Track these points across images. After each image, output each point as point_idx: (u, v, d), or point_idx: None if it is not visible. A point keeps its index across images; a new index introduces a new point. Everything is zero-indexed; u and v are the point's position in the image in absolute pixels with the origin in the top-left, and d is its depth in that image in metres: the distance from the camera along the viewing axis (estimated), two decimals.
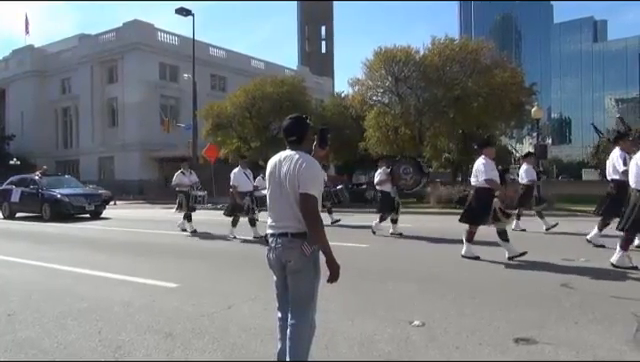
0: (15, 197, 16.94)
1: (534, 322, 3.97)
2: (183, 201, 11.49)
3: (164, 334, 3.86)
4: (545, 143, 21.93)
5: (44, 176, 17.40)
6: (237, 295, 5.06)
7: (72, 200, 16.04)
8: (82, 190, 17.55)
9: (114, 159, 37.93)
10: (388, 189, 10.08)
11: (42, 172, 17.81)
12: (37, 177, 17.10)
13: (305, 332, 2.74)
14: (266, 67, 44.52)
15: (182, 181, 11.57)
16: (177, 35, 38.91)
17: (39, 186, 16.50)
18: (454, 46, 22.58)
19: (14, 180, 18.18)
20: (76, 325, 4.14)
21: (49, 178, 17.77)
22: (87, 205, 16.31)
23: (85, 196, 16.75)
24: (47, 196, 16.08)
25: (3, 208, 17.50)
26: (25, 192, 16.84)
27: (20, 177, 18.70)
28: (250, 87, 26.60)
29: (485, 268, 6.44)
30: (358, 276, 5.98)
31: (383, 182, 10.11)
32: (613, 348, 3.39)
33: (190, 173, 11.89)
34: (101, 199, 17.16)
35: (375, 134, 23.89)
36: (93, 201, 16.77)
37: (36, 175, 17.42)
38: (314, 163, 2.72)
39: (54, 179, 18.16)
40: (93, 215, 16.53)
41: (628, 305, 4.39)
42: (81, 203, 16.20)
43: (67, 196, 16.05)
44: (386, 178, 10.09)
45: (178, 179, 11.66)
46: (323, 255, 2.71)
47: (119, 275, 6.22)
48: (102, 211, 17.11)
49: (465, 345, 3.50)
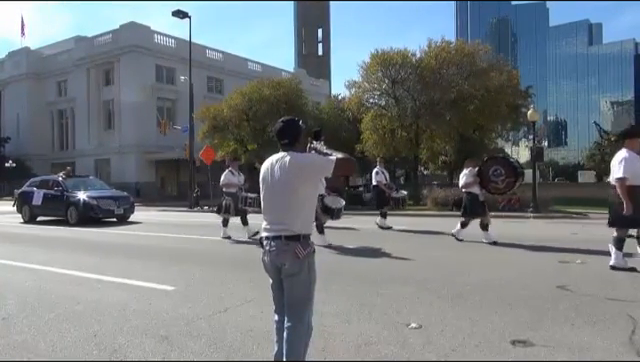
0: (37, 200, 15.87)
1: (530, 324, 3.98)
2: (230, 204, 10.29)
3: (160, 337, 3.84)
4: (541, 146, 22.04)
5: (68, 178, 16.44)
6: (233, 297, 5.04)
7: (100, 203, 15.03)
8: (110, 192, 16.50)
9: (110, 161, 37.85)
10: (476, 191, 9.24)
11: (66, 173, 16.75)
12: (61, 178, 16.15)
13: (302, 335, 2.73)
14: (263, 69, 44.55)
15: (231, 181, 10.45)
16: (174, 37, 38.91)
17: (64, 188, 15.49)
18: (450, 49, 22.66)
19: (35, 182, 17.20)
20: (72, 328, 4.12)
21: (73, 179, 16.84)
22: (116, 208, 15.30)
23: (114, 199, 15.69)
24: (73, 199, 15.06)
25: (23, 211, 16.51)
26: (48, 194, 15.78)
27: (42, 178, 17.80)
28: (247, 89, 26.60)
29: (481, 270, 6.44)
30: (355, 278, 5.99)
31: (470, 184, 9.26)
32: (609, 350, 3.40)
33: (239, 173, 10.86)
34: (130, 202, 16.06)
35: (372, 136, 23.92)
36: (122, 204, 15.65)
37: (60, 176, 16.44)
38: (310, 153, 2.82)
39: (79, 180, 17.17)
40: (120, 219, 15.57)
41: (624, 307, 4.40)
42: (110, 206, 15.21)
43: (95, 199, 15.05)
44: (473, 180, 9.24)
45: (227, 179, 10.48)
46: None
47: (116, 278, 6.20)
48: (130, 215, 16.05)
49: (462, 347, 3.51)
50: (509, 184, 9.17)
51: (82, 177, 18.89)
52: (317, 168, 2.72)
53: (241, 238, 10.19)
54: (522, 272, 6.27)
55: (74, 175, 17.98)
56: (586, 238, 9.35)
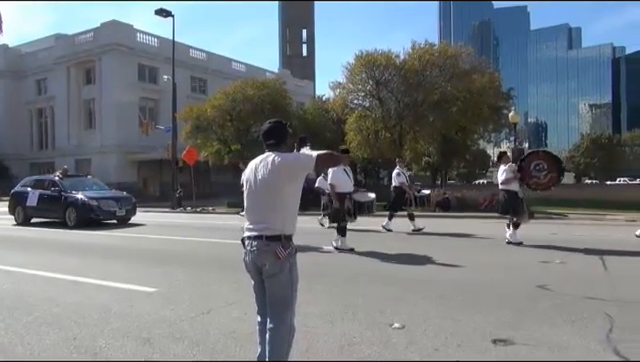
0: (32, 201, 14.95)
1: (511, 323, 4.03)
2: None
3: (142, 339, 3.80)
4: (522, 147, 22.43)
5: (65, 177, 15.44)
6: (217, 299, 5.01)
7: (102, 204, 14.16)
8: (110, 193, 15.69)
9: (91, 161, 37.22)
10: (515, 188, 8.77)
11: (62, 172, 15.69)
12: (57, 178, 15.21)
13: (284, 336, 2.73)
14: (247, 70, 44.35)
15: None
16: (157, 36, 38.48)
17: (61, 188, 14.57)
18: (434, 51, 22.86)
19: (29, 181, 16.28)
20: (51, 331, 4.04)
21: (71, 179, 15.78)
22: (118, 210, 14.44)
23: (115, 199, 14.82)
24: (72, 199, 14.15)
25: (16, 213, 15.52)
26: (44, 195, 14.85)
27: (36, 178, 16.79)
28: (231, 89, 26.44)
29: (463, 270, 6.51)
30: (339, 279, 6.00)
31: (510, 180, 8.73)
32: (587, 348, 3.47)
33: None
34: (132, 203, 15.24)
35: (356, 137, 24.00)
36: (124, 205, 14.78)
37: (56, 176, 15.50)
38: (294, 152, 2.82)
39: (77, 180, 16.15)
40: (121, 221, 14.71)
41: (602, 306, 4.49)
42: (111, 207, 14.34)
43: (96, 199, 14.17)
44: (513, 176, 8.74)
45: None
46: None
47: (96, 280, 6.10)
48: (132, 216, 15.20)
49: (444, 347, 3.54)
50: (552, 179, 8.76)
51: (80, 176, 17.91)
52: (301, 163, 2.72)
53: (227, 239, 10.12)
54: (504, 272, 6.36)
55: (71, 174, 16.97)
56: (565, 238, 9.52)
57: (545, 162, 8.81)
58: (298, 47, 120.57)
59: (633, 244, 7.99)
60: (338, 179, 8.29)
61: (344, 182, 8.38)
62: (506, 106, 26.65)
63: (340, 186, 8.29)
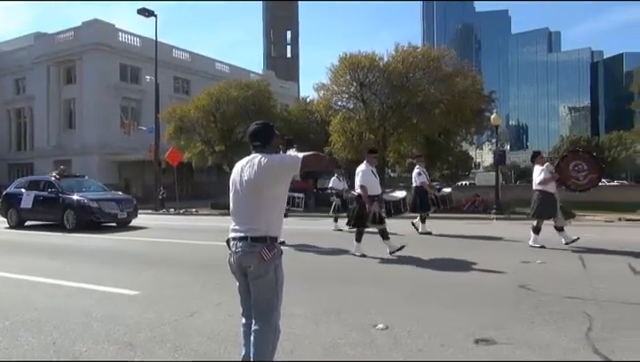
0: (26, 203, 14.22)
1: (493, 323, 4.08)
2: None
3: (123, 343, 3.74)
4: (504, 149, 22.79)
5: (62, 177, 14.69)
6: (200, 302, 4.97)
7: (102, 206, 13.51)
8: (111, 194, 15.06)
9: (71, 162, 36.52)
10: (552, 189, 8.41)
11: (59, 172, 14.89)
12: (54, 178, 14.47)
13: (269, 337, 2.72)
14: (231, 70, 44.11)
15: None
16: (139, 36, 38.02)
17: (59, 189, 13.88)
18: (417, 53, 23.04)
19: (23, 182, 15.50)
20: (29, 336, 3.96)
21: (68, 180, 15.01)
22: (119, 212, 13.80)
23: (116, 201, 14.15)
24: (70, 201, 13.47)
25: (9, 215, 14.79)
26: (40, 196, 14.12)
27: (31, 179, 15.99)
28: (214, 90, 26.25)
29: (447, 271, 6.57)
30: (324, 280, 6.00)
31: (547, 181, 8.36)
32: (567, 347, 3.53)
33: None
34: (133, 205, 14.62)
35: (340, 139, 24.07)
36: (125, 207, 14.10)
37: (52, 176, 14.72)
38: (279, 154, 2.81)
39: (74, 181, 15.33)
40: (122, 224, 14.14)
41: (581, 305, 4.58)
42: (112, 209, 13.69)
43: (96, 201, 13.52)
44: (551, 177, 8.39)
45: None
46: None
47: (77, 283, 6.00)
48: (132, 219, 14.55)
49: (428, 347, 3.57)
50: (592, 180, 8.47)
51: (77, 177, 16.88)
52: (287, 165, 2.71)
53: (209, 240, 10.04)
54: (486, 272, 6.43)
55: (68, 175, 16.02)
56: (546, 239, 9.67)
57: (585, 163, 8.54)
58: (282, 48, 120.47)
59: (611, 244, 8.16)
60: (368, 181, 7.82)
61: (373, 184, 7.93)
62: (488, 109, 26.96)
63: (369, 188, 7.79)
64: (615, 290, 5.19)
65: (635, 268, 6.35)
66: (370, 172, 7.89)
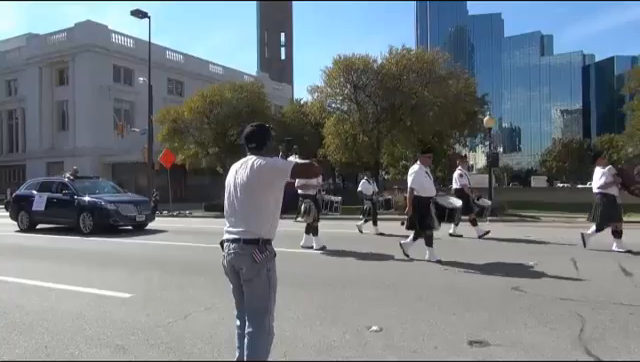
0: (39, 205, 13.64)
1: (486, 325, 4.10)
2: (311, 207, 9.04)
3: (116, 346, 3.72)
4: (497, 151, 22.97)
5: (76, 179, 14.07)
6: (194, 304, 4.95)
7: (120, 208, 12.90)
8: (127, 196, 14.51)
9: (64, 164, 36.26)
10: (614, 192, 8.13)
11: (73, 173, 14.26)
12: (67, 180, 13.87)
13: (263, 340, 2.72)
14: (225, 72, 44.05)
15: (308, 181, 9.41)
16: (132, 37, 37.90)
17: (74, 191, 13.29)
18: (411, 56, 23.15)
19: (34, 184, 14.85)
20: (20, 340, 3.93)
21: (82, 181, 14.38)
22: (137, 215, 13.22)
23: (134, 203, 13.53)
24: (87, 203, 12.88)
25: (20, 218, 14.13)
26: (53, 199, 13.53)
27: (43, 180, 15.29)
28: (208, 92, 26.20)
29: (440, 273, 6.59)
30: (317, 283, 6.00)
31: (610, 184, 8.07)
32: (559, 348, 3.55)
33: None
34: (150, 208, 14.02)
35: (334, 141, 24.11)
36: (143, 210, 13.51)
37: (65, 177, 14.12)
38: (274, 157, 2.79)
39: (89, 182, 14.75)
40: (138, 227, 13.55)
41: (574, 307, 4.61)
42: (130, 212, 13.10)
43: (114, 203, 12.94)
44: (613, 180, 8.08)
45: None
46: None
47: (70, 286, 5.95)
48: (149, 222, 13.90)
49: (421, 349, 3.58)
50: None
51: (91, 178, 16.20)
52: (277, 171, 2.71)
53: (201, 243, 10.00)
54: (479, 274, 6.46)
55: (82, 176, 15.25)
56: (538, 240, 9.74)
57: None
58: (276, 50, 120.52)
59: (602, 246, 8.22)
60: (421, 182, 7.42)
61: (427, 185, 7.52)
62: (481, 111, 27.17)
63: (423, 190, 7.42)
64: (607, 291, 5.23)
65: (626, 269, 6.41)
66: (424, 173, 7.53)
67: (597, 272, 6.36)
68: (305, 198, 8.98)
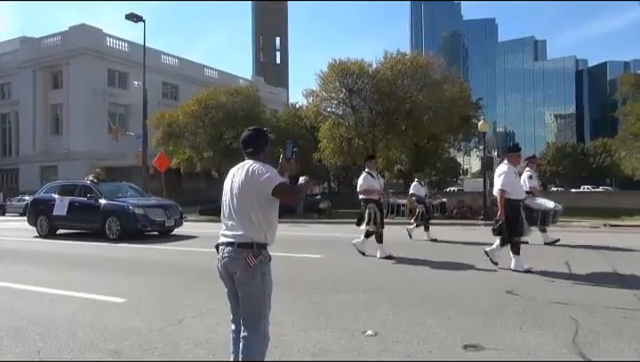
0: (60, 209, 12.93)
1: (481, 328, 4.11)
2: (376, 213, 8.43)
3: (110, 351, 3.70)
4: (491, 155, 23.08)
5: (99, 182, 13.43)
6: (189, 309, 4.92)
7: (149, 213, 12.24)
8: (154, 200, 13.78)
9: (57, 168, 36.10)
10: None
11: (96, 176, 13.68)
12: (89, 182, 13.26)
13: (258, 344, 2.71)
14: (220, 76, 44.04)
15: (372, 186, 8.72)
16: (127, 41, 37.84)
17: (98, 195, 12.66)
18: (405, 60, 23.26)
19: (54, 187, 14.14)
20: (13, 345, 3.89)
21: (106, 184, 13.76)
22: (166, 219, 12.54)
23: (163, 208, 12.87)
24: (113, 208, 12.25)
25: (39, 223, 13.43)
26: (76, 202, 12.86)
27: (63, 183, 14.63)
28: (203, 96, 26.18)
29: (434, 277, 6.60)
30: (312, 287, 5.98)
31: None
32: (554, 351, 3.56)
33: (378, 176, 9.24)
34: (179, 212, 13.26)
35: (329, 145, 24.14)
36: (172, 214, 12.81)
37: (88, 180, 13.46)
38: (268, 166, 2.75)
39: (113, 186, 14.09)
40: (165, 233, 12.87)
41: (568, 310, 4.62)
42: (159, 217, 12.42)
43: (142, 208, 12.27)
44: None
45: (367, 183, 8.85)
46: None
47: (64, 291, 5.91)
48: (177, 228, 13.12)
49: (416, 353, 3.57)
50: None
51: (114, 181, 15.52)
52: (261, 185, 2.67)
53: (196, 248, 9.94)
54: (473, 278, 6.47)
55: (104, 179, 14.50)
56: (532, 244, 9.76)
57: None
58: (272, 54, 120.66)
59: (597, 250, 8.26)
60: (511, 183, 6.80)
61: (518, 187, 6.95)
62: (475, 115, 27.29)
63: (514, 192, 6.80)
64: (601, 295, 5.25)
65: (620, 273, 6.44)
66: (513, 173, 6.91)
67: (590, 275, 6.38)
68: (368, 203, 8.31)
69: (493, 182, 6.99)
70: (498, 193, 6.77)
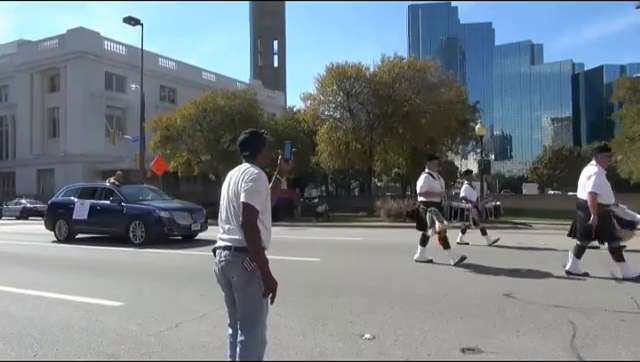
0: (81, 213, 12.50)
1: (479, 332, 4.10)
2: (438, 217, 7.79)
3: (106, 356, 3.68)
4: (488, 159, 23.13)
5: (120, 184, 12.97)
6: (186, 312, 4.90)
7: (175, 216, 11.83)
8: (179, 203, 13.25)
9: (54, 172, 36.05)
10: None
11: (117, 178, 13.16)
12: (109, 185, 12.90)
13: (255, 348, 2.69)
14: (217, 80, 44.10)
15: (433, 188, 8.09)
16: (124, 44, 37.88)
17: (121, 198, 12.23)
18: (403, 64, 23.34)
19: (73, 190, 13.63)
20: (8, 349, 3.87)
21: (128, 187, 13.25)
22: (192, 223, 12.15)
23: (189, 211, 12.41)
24: (138, 211, 11.80)
25: (57, 228, 12.93)
26: (97, 206, 12.41)
27: (83, 185, 14.20)
28: (201, 99, 26.19)
29: (432, 280, 6.60)
30: (309, 290, 5.97)
31: None
32: (551, 355, 3.56)
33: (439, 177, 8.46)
34: (204, 216, 12.72)
35: (327, 148, 24.15)
36: (198, 218, 12.37)
37: (109, 182, 13.08)
38: (259, 175, 2.68)
39: (134, 188, 13.59)
40: (189, 237, 12.47)
41: (566, 313, 4.62)
42: (186, 221, 12.02)
43: (168, 211, 11.87)
44: None
45: (428, 184, 8.13)
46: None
47: (57, 294, 5.88)
48: (202, 232, 12.60)
49: (414, 357, 3.56)
50: None
51: (136, 184, 15.00)
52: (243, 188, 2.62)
53: (192, 251, 9.91)
54: (471, 281, 6.47)
55: (126, 181, 13.88)
56: (530, 247, 9.79)
57: None
58: (269, 58, 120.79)
59: (594, 253, 8.27)
60: (602, 185, 6.27)
61: (608, 190, 6.37)
62: (473, 119, 27.40)
63: (603, 196, 6.27)
64: (598, 298, 5.25)
65: (617, 276, 6.44)
66: (604, 175, 6.37)
67: (588, 279, 6.39)
68: (429, 206, 7.85)
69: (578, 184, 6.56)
70: (589, 196, 6.21)
